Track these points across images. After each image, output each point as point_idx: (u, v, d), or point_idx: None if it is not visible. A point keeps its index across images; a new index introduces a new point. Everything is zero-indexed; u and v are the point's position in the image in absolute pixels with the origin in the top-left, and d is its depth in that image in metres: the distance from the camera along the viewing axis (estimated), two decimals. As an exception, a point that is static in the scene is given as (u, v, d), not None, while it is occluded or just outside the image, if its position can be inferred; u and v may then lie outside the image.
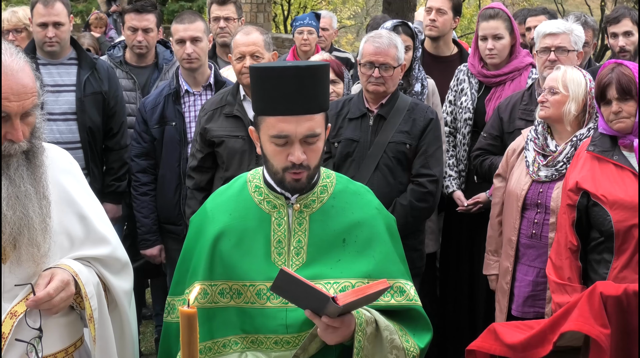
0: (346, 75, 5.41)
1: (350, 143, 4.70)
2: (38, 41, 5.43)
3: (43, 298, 2.62)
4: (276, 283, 2.50)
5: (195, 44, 5.26)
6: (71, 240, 2.82)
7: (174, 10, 19.67)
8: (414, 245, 4.73)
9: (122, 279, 2.97)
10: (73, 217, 2.84)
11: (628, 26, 5.66)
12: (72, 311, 2.86)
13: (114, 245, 2.94)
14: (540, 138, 4.45)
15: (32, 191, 2.65)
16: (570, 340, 3.40)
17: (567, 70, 4.39)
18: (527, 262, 4.45)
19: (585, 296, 3.32)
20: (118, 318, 2.97)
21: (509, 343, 3.46)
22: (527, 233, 4.43)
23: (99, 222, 2.93)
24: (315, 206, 2.86)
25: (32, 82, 2.61)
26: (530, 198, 4.41)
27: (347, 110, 4.78)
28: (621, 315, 3.29)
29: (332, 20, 7.89)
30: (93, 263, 2.86)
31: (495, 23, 5.32)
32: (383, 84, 4.64)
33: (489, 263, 4.76)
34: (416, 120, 4.65)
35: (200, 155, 4.87)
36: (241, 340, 2.79)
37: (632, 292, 3.30)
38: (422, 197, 4.60)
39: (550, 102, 4.36)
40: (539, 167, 4.40)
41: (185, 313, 2.16)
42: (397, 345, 2.75)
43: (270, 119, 2.71)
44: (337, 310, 2.53)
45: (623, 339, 3.30)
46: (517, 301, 4.49)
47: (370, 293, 2.54)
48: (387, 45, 4.59)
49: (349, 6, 29.57)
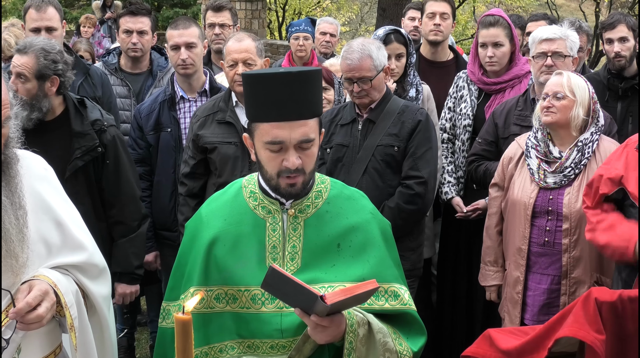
0: (336, 81, 5.41)
1: (340, 148, 4.70)
2: None
3: (23, 308, 2.61)
4: (266, 280, 2.51)
5: (190, 50, 5.26)
6: (48, 248, 2.82)
7: (169, 16, 19.66)
8: (413, 246, 4.73)
9: (100, 284, 2.98)
10: (50, 223, 2.84)
11: (623, 32, 5.67)
12: (52, 319, 2.84)
13: (90, 251, 2.95)
14: (541, 144, 4.44)
15: (7, 203, 2.65)
16: (565, 345, 3.40)
17: (570, 76, 4.38)
18: (540, 270, 4.43)
19: (580, 302, 3.32)
20: (98, 324, 2.98)
21: (504, 349, 3.46)
22: (539, 241, 4.40)
23: (75, 227, 2.93)
24: (310, 211, 2.86)
25: (4, 93, 2.59)
26: (539, 205, 4.38)
27: (340, 116, 4.79)
28: (616, 321, 3.28)
29: (337, 27, 7.92)
30: (71, 270, 2.86)
31: (495, 31, 5.32)
32: (366, 95, 4.63)
33: (487, 274, 4.72)
34: (405, 122, 4.63)
35: (193, 162, 4.87)
36: (238, 345, 2.79)
37: (627, 298, 3.30)
38: (410, 200, 4.58)
39: (557, 107, 4.33)
40: (545, 173, 4.39)
41: (180, 320, 2.15)
42: (390, 348, 2.75)
43: (264, 126, 2.72)
44: (326, 309, 2.53)
45: (618, 345, 3.30)
46: (531, 310, 4.46)
47: (359, 293, 2.54)
48: (358, 60, 4.55)
49: (343, 12, 29.58)
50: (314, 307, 2.53)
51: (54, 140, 4.36)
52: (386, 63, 4.67)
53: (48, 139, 4.31)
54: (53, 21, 5.41)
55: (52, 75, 4.32)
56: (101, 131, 4.48)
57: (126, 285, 4.69)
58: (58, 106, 4.46)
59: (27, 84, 4.29)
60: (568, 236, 4.30)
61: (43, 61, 4.28)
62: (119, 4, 13.89)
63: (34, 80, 4.29)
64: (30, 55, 4.28)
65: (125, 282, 4.66)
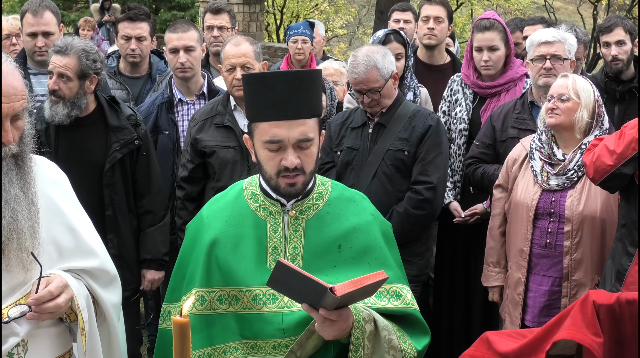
0: (327, 86, 5.40)
1: (350, 151, 4.72)
2: (28, 50, 5.43)
3: (45, 296, 2.60)
4: (273, 276, 2.50)
5: (189, 53, 5.26)
6: (59, 251, 2.80)
7: (167, 19, 19.67)
8: (420, 251, 4.74)
9: (111, 292, 2.94)
10: (61, 227, 2.82)
11: (621, 35, 5.68)
12: (62, 322, 2.84)
13: (102, 258, 2.92)
14: (545, 146, 4.44)
15: (21, 196, 2.64)
16: (563, 348, 3.40)
17: (575, 78, 4.38)
18: (541, 271, 4.43)
19: (578, 305, 3.32)
20: (106, 333, 2.93)
21: (502, 351, 3.46)
22: (541, 243, 4.40)
23: (87, 234, 2.90)
24: (311, 213, 2.87)
25: (21, 85, 2.61)
26: (542, 207, 4.39)
27: (351, 119, 4.80)
28: (614, 324, 3.28)
29: (319, 27, 7.90)
30: (82, 275, 2.83)
31: (490, 35, 5.31)
32: (377, 104, 4.66)
33: (490, 275, 4.72)
34: (415, 127, 4.64)
35: (191, 166, 4.87)
36: (241, 346, 2.80)
37: (625, 301, 3.30)
38: (419, 205, 4.59)
39: (562, 109, 4.33)
40: (548, 175, 4.39)
41: (177, 323, 2.15)
42: (394, 345, 2.75)
43: (264, 125, 2.74)
44: (335, 302, 2.52)
45: (616, 348, 3.30)
46: (532, 312, 4.46)
47: (368, 283, 2.53)
48: (364, 73, 4.56)
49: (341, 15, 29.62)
50: (323, 299, 2.52)
51: (89, 135, 4.65)
52: (394, 69, 4.67)
53: (82, 133, 4.63)
54: (50, 25, 5.42)
55: (92, 75, 4.53)
56: (136, 125, 4.73)
57: (155, 271, 4.90)
58: (91, 103, 4.65)
59: (69, 83, 4.51)
60: (570, 238, 4.30)
61: (85, 61, 4.50)
62: (118, 7, 13.88)
63: (76, 79, 4.51)
64: (72, 56, 4.49)
65: (154, 268, 4.90)
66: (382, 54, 4.63)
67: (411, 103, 4.86)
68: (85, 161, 4.59)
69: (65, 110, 4.51)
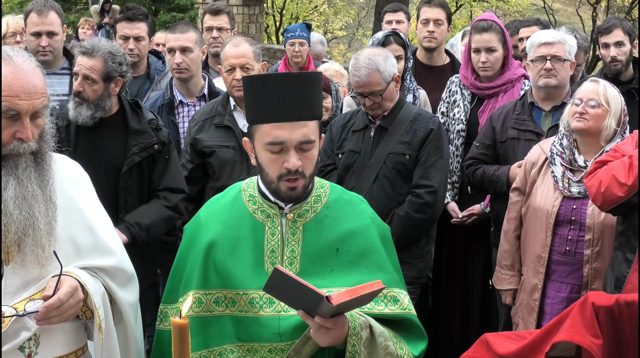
0: (333, 87, 5.41)
1: (352, 154, 4.72)
2: (31, 50, 5.43)
3: (54, 304, 2.59)
4: (270, 283, 2.50)
5: (185, 54, 5.27)
6: (77, 249, 2.80)
7: (166, 20, 19.67)
8: (421, 254, 4.74)
9: (128, 292, 2.93)
10: (79, 226, 2.82)
11: (619, 36, 5.68)
12: (77, 319, 2.83)
13: (120, 257, 2.91)
14: (567, 152, 4.38)
15: (39, 192, 2.66)
16: (562, 350, 3.40)
17: (605, 85, 4.33)
18: (560, 278, 4.41)
19: (577, 306, 3.32)
20: (123, 332, 2.92)
21: (501, 353, 3.45)
22: (560, 250, 4.37)
23: (106, 233, 2.90)
24: (309, 216, 2.86)
25: (42, 83, 2.65)
26: (562, 214, 4.35)
27: (353, 122, 4.79)
28: (613, 326, 3.28)
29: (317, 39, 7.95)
30: (99, 273, 2.83)
31: (488, 36, 5.31)
32: (379, 106, 4.65)
33: (503, 278, 4.68)
34: (417, 130, 4.64)
35: (191, 166, 4.88)
36: (237, 349, 2.79)
37: (624, 302, 3.30)
38: (419, 208, 4.59)
39: (591, 114, 4.26)
40: (570, 182, 4.35)
41: (176, 324, 2.15)
42: (391, 351, 2.74)
43: (265, 127, 2.72)
44: (331, 310, 2.52)
45: (615, 350, 3.29)
46: (549, 318, 4.34)
47: (364, 293, 2.53)
48: (366, 76, 4.56)
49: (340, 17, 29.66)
50: (319, 308, 2.51)
51: (108, 137, 4.62)
52: (395, 71, 4.67)
53: (102, 134, 4.59)
54: (54, 26, 5.44)
55: (117, 77, 4.51)
56: (157, 129, 4.66)
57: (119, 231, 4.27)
58: (114, 104, 4.62)
59: (95, 85, 4.49)
60: (590, 247, 4.27)
61: (111, 64, 4.48)
62: (117, 9, 13.87)
63: (101, 82, 4.48)
64: (98, 59, 4.46)
65: (120, 229, 4.37)
66: (384, 57, 4.63)
67: (412, 106, 4.86)
68: (103, 162, 4.55)
69: (89, 111, 4.48)
